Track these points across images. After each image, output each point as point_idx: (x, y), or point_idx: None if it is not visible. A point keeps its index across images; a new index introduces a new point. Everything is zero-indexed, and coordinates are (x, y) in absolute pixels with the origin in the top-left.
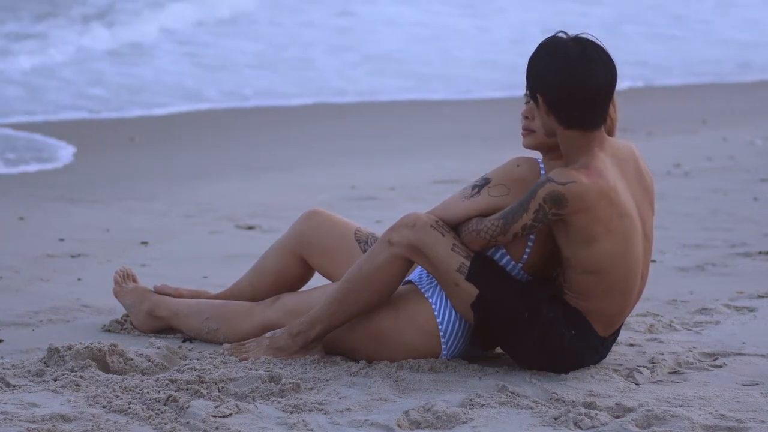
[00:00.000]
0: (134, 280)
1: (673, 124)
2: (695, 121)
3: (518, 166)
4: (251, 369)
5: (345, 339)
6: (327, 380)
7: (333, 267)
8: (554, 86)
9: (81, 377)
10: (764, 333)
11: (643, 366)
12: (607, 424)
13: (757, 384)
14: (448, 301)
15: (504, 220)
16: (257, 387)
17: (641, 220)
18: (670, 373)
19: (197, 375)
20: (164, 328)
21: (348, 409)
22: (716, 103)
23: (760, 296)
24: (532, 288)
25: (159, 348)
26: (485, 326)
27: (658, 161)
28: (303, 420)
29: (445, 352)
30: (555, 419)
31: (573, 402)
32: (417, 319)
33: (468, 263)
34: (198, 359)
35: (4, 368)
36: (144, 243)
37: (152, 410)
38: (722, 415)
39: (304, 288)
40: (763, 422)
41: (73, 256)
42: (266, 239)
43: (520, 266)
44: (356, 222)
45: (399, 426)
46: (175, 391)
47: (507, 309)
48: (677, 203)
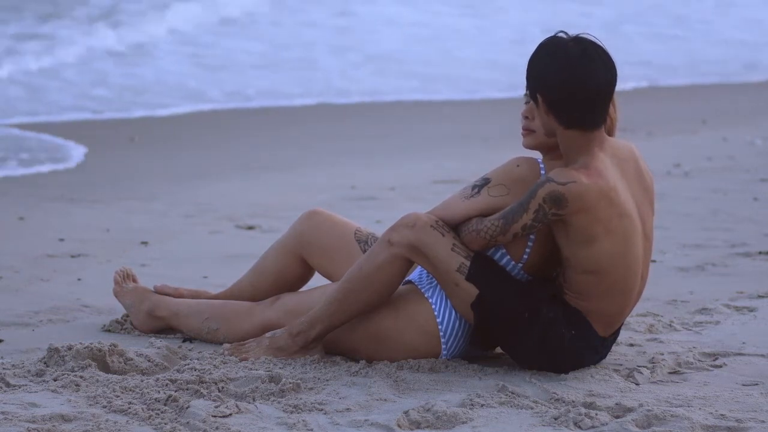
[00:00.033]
0: (134, 280)
1: (673, 124)
2: (695, 121)
3: (518, 166)
4: (251, 369)
5: (345, 339)
6: (327, 380)
7: (333, 267)
8: (554, 86)
9: (81, 377)
10: (764, 333)
11: (643, 366)
12: (607, 424)
13: (757, 384)
14: (448, 301)
15: (504, 220)
16: (257, 387)
17: (641, 220)
18: (670, 373)
19: (197, 375)
20: (164, 328)
21: (348, 409)
22: (716, 103)
23: (760, 296)
24: (532, 288)
25: (159, 348)
26: (485, 326)
27: (658, 161)
28: (303, 420)
29: (445, 352)
30: (555, 419)
31: (573, 402)
32: (417, 319)
33: (468, 263)
34: (198, 359)
35: (4, 368)
36: (144, 243)
37: (152, 410)
38: (722, 415)
39: (304, 288)
40: (763, 422)
41: (73, 256)
42: (266, 239)
43: (520, 266)
44: (356, 222)
45: (399, 426)
46: (175, 391)
47: (507, 309)
48: (677, 203)
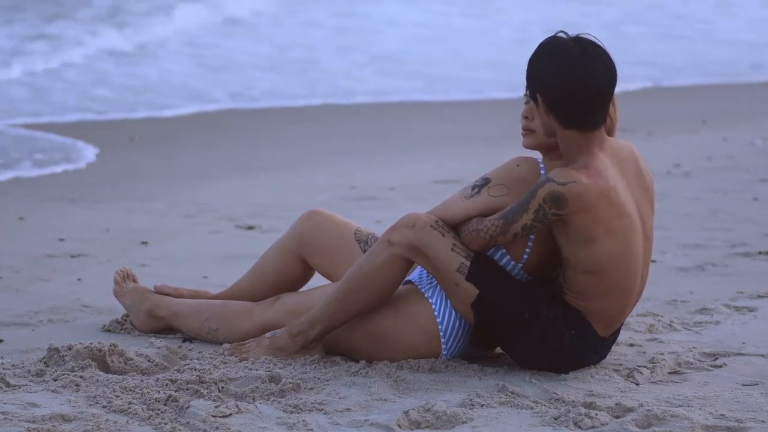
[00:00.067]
0: (134, 280)
1: (673, 124)
2: (695, 121)
3: (518, 166)
4: (251, 369)
5: (345, 339)
6: (327, 380)
7: (333, 267)
8: (554, 86)
9: (81, 377)
10: (764, 333)
11: (643, 366)
12: (607, 424)
13: (757, 384)
14: (448, 301)
15: (504, 220)
16: (257, 387)
17: (641, 220)
18: (670, 373)
19: (197, 375)
20: (164, 328)
21: (348, 409)
22: (716, 104)
23: (760, 296)
24: (532, 288)
25: (159, 348)
26: (485, 326)
27: (658, 161)
28: (303, 420)
29: (445, 352)
30: (555, 419)
31: (573, 402)
32: (417, 319)
33: (468, 263)
34: (198, 359)
35: (4, 368)
36: (144, 243)
37: (152, 410)
38: (722, 415)
39: (304, 288)
40: (763, 422)
41: (73, 256)
42: (266, 239)
43: (520, 266)
44: (356, 222)
45: (399, 426)
46: (175, 391)
47: (507, 309)
48: (677, 203)
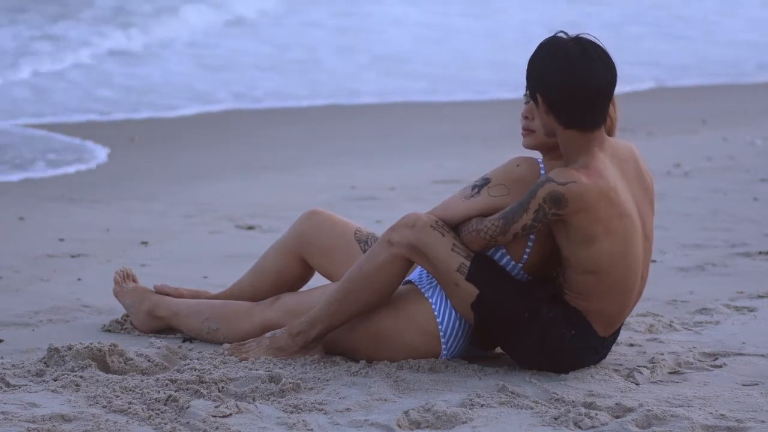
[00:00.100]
0: (134, 280)
1: (673, 124)
2: (695, 121)
3: (518, 166)
4: (251, 369)
5: (345, 339)
6: (327, 380)
7: (333, 267)
8: (554, 86)
9: (81, 377)
10: (764, 333)
11: (643, 366)
12: (607, 424)
13: (757, 384)
14: (448, 301)
15: (504, 220)
16: (257, 387)
17: (641, 220)
18: (670, 373)
19: (197, 375)
20: (164, 328)
21: (348, 409)
22: (716, 104)
23: (760, 296)
24: (532, 288)
25: (159, 348)
26: (485, 326)
27: (658, 161)
28: (303, 420)
29: (445, 352)
30: (555, 419)
31: (573, 402)
32: (417, 319)
33: (468, 263)
34: (198, 359)
35: (4, 368)
36: (144, 243)
37: (152, 410)
38: (722, 415)
39: (304, 288)
40: (763, 422)
41: (73, 256)
42: (266, 239)
43: (520, 266)
44: (356, 222)
45: (399, 426)
46: (175, 391)
47: (507, 309)
48: (677, 203)
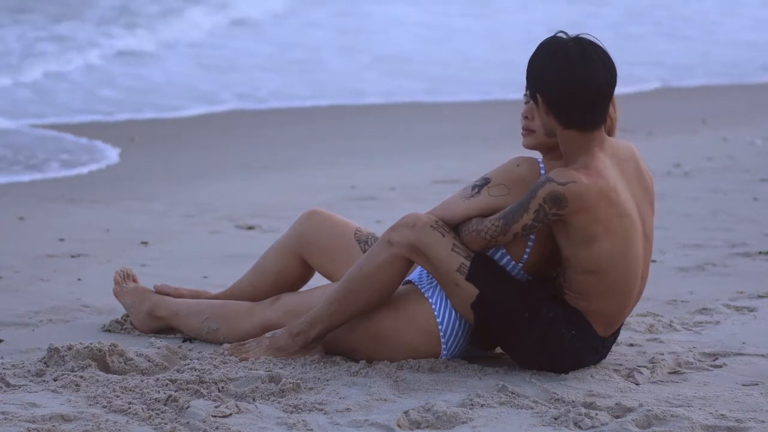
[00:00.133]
0: (134, 280)
1: (673, 124)
2: (695, 121)
3: (518, 166)
4: (251, 369)
5: (345, 339)
6: (327, 380)
7: (333, 267)
8: (554, 86)
9: (81, 377)
10: (764, 333)
11: (643, 366)
12: (607, 424)
13: (757, 384)
14: (448, 301)
15: (504, 220)
16: (257, 387)
17: (641, 220)
18: (670, 373)
19: (197, 375)
20: (164, 328)
21: (348, 409)
22: (716, 103)
23: (760, 296)
24: (532, 288)
25: (159, 348)
26: (485, 326)
27: (658, 161)
28: (303, 420)
29: (445, 352)
30: (555, 419)
31: (573, 402)
32: (417, 319)
33: (468, 263)
34: (198, 359)
35: (4, 368)
36: (144, 243)
37: (152, 410)
38: (722, 415)
39: (304, 288)
40: (763, 422)
41: (73, 256)
42: (266, 239)
43: (520, 266)
44: (356, 222)
45: (399, 426)
46: (175, 391)
47: (507, 309)
48: (677, 203)
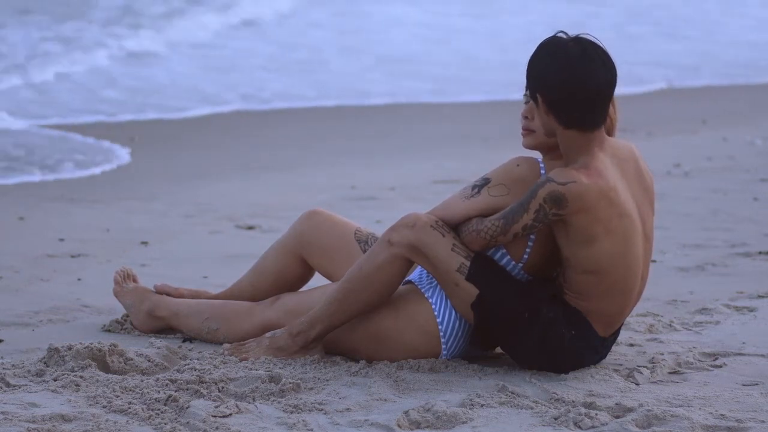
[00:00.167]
0: (134, 280)
1: (673, 124)
2: (695, 121)
3: (518, 166)
4: (251, 369)
5: (345, 339)
6: (327, 380)
7: (333, 267)
8: (554, 86)
9: (81, 377)
10: (764, 333)
11: (643, 366)
12: (607, 424)
13: (757, 384)
14: (448, 301)
15: (504, 220)
16: (257, 387)
17: (641, 220)
18: (670, 373)
19: (197, 375)
20: (164, 328)
21: (348, 409)
22: (716, 104)
23: (760, 296)
24: (532, 288)
25: (159, 348)
26: (485, 326)
27: (658, 161)
28: (303, 420)
29: (445, 352)
30: (555, 419)
31: (573, 402)
32: (417, 319)
33: (468, 263)
34: (198, 359)
35: (4, 368)
36: (144, 243)
37: (152, 410)
38: (722, 415)
39: (304, 288)
40: (763, 422)
41: (73, 256)
42: (266, 239)
43: (521, 266)
44: (356, 222)
45: (399, 426)
46: (175, 391)
47: (507, 309)
48: (677, 203)
